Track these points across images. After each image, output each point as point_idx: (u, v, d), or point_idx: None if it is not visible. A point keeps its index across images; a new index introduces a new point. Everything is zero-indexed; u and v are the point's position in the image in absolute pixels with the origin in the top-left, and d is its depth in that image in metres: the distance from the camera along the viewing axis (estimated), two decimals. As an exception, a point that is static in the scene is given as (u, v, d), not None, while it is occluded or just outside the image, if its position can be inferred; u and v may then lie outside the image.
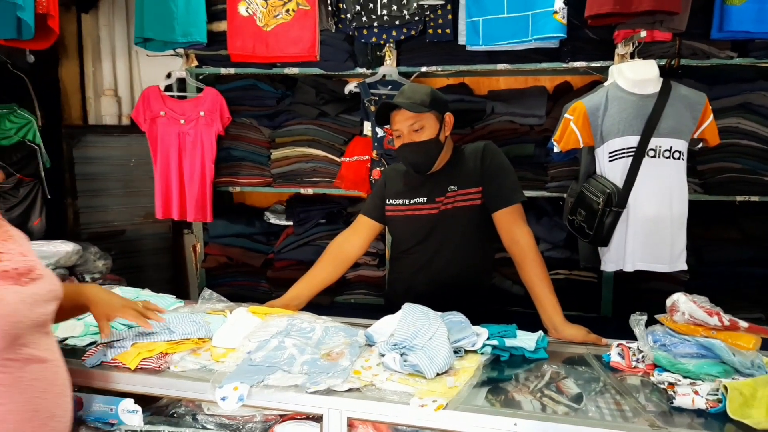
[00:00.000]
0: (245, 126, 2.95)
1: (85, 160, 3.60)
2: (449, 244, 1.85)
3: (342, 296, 2.86)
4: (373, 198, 2.00)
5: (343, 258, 1.96)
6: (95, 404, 1.35)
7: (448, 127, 1.85)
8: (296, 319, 1.60)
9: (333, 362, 1.37)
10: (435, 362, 1.30)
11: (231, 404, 1.23)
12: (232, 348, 1.46)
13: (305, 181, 2.87)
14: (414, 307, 1.53)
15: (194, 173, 2.86)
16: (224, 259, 3.01)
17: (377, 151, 2.68)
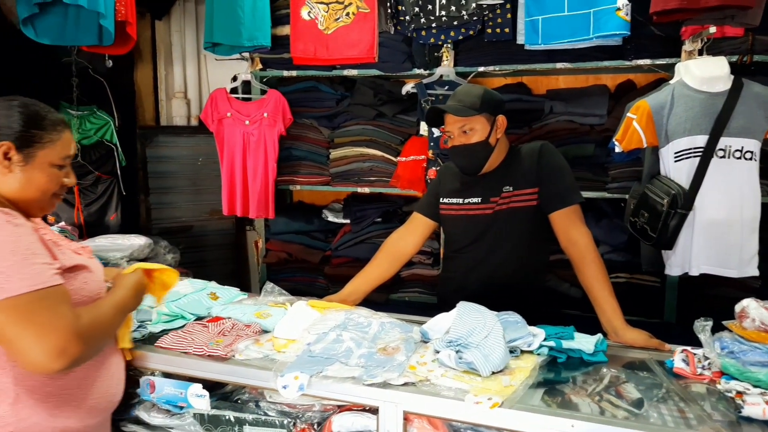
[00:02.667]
0: (306, 126, 3.05)
1: (157, 159, 3.81)
2: (503, 245, 1.85)
3: (397, 294, 2.90)
4: (428, 196, 2.02)
5: (398, 255, 1.99)
6: (166, 388, 1.45)
7: (500, 129, 1.84)
8: (353, 314, 1.64)
9: (389, 357, 1.41)
10: (490, 360, 1.32)
11: (292, 393, 1.29)
12: (292, 339, 1.53)
13: (362, 181, 2.93)
14: (469, 305, 1.54)
15: (257, 172, 2.97)
16: (284, 255, 3.12)
17: (433, 150, 2.70)
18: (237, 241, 4.01)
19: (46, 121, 1.24)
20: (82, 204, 3.62)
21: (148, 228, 3.80)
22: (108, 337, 1.27)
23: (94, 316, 1.16)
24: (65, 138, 1.28)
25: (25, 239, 1.09)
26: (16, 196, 1.21)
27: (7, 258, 1.05)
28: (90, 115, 3.59)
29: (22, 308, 1.03)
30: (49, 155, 1.24)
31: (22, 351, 1.04)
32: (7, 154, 1.19)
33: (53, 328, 1.04)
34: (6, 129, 1.19)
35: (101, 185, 3.65)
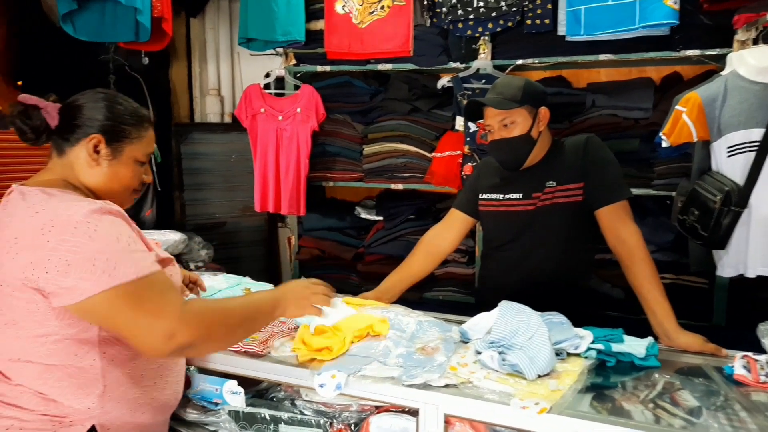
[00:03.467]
0: (339, 122, 3.02)
1: (191, 156, 3.84)
2: (545, 243, 1.77)
3: (431, 293, 2.84)
4: (466, 192, 1.96)
5: (435, 252, 1.94)
6: (202, 383, 1.43)
7: (542, 122, 1.77)
8: (390, 312, 1.60)
9: (428, 357, 1.36)
10: (536, 363, 1.25)
11: (329, 392, 1.25)
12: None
13: (396, 177, 2.88)
14: (512, 305, 1.48)
15: (290, 168, 2.96)
16: (317, 252, 3.10)
17: (469, 146, 2.64)
18: (269, 237, 4.02)
19: (134, 117, 1.25)
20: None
21: (183, 224, 3.83)
22: (224, 335, 1.18)
23: (207, 307, 1.14)
24: (150, 135, 1.29)
25: (124, 229, 1.10)
26: (100, 190, 1.22)
27: (111, 246, 1.05)
28: (126, 112, 3.64)
29: (131, 294, 1.04)
30: (135, 151, 1.25)
31: (136, 336, 1.05)
32: (97, 147, 1.19)
33: (162, 313, 1.04)
34: (95, 122, 1.19)
35: (137, 181, 3.70)
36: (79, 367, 1.10)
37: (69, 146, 1.20)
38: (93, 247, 1.03)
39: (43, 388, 1.09)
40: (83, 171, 1.20)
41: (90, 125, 1.19)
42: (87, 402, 1.11)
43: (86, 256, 1.02)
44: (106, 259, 1.03)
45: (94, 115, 1.20)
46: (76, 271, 1.02)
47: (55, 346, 1.09)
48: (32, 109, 1.18)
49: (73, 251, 1.02)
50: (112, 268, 1.03)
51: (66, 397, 1.10)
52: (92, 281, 1.02)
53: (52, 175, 1.21)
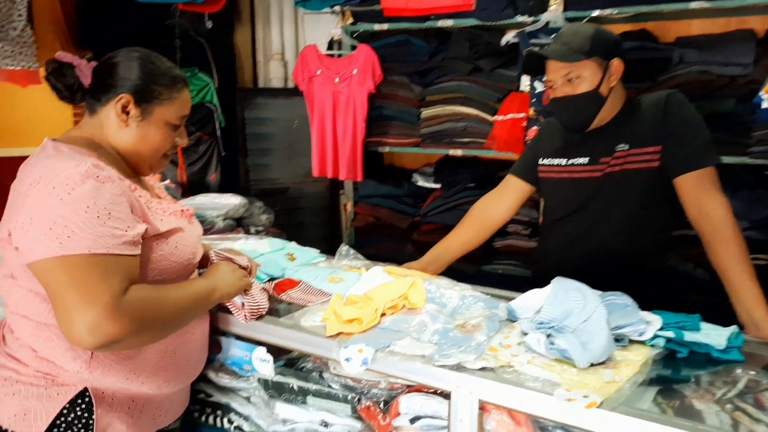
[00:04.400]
0: (396, 84, 2.87)
1: (255, 121, 3.85)
2: (614, 214, 1.57)
3: (490, 266, 2.68)
4: (525, 156, 1.78)
5: (486, 222, 1.78)
6: (232, 348, 1.39)
7: (614, 76, 1.54)
8: (432, 284, 1.48)
9: (467, 335, 1.23)
10: (589, 349, 1.09)
11: (354, 366, 1.16)
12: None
13: (455, 142, 2.71)
14: (567, 282, 1.31)
15: (347, 132, 2.87)
16: (372, 219, 3.02)
17: (535, 108, 2.41)
18: (330, 204, 3.98)
19: (167, 78, 1.18)
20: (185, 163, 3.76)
21: (247, 189, 3.87)
22: (161, 329, 1.11)
23: (146, 299, 1.04)
24: (184, 97, 1.22)
25: (106, 198, 1.02)
26: (128, 152, 1.18)
27: (78, 214, 0.99)
28: (192, 76, 3.68)
29: (72, 270, 0.97)
30: (167, 113, 1.18)
31: (60, 318, 0.98)
32: (126, 107, 1.14)
33: (92, 300, 0.95)
34: (127, 81, 1.14)
35: (202, 146, 3.77)
36: None
37: (100, 106, 1.17)
38: (58, 211, 0.98)
39: (35, 345, 1.09)
40: (112, 131, 1.16)
41: (121, 85, 1.14)
42: (75, 365, 1.08)
43: (48, 219, 0.98)
44: (64, 225, 0.98)
45: (126, 75, 1.15)
46: (35, 232, 0.98)
47: (43, 305, 1.07)
48: (67, 67, 1.16)
49: (41, 211, 0.99)
50: (66, 236, 0.97)
51: (56, 357, 1.08)
52: (43, 244, 0.97)
53: (79, 132, 1.18)
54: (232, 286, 1.28)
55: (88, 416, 1.08)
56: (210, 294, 1.22)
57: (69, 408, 1.07)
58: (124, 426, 1.13)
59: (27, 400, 1.06)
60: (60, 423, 1.06)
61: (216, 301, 1.25)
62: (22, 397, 1.06)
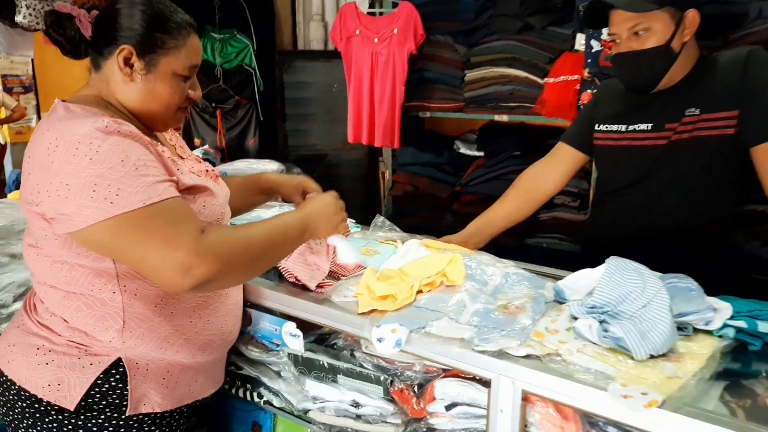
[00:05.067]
0: (439, 44, 2.71)
1: (294, 85, 3.77)
2: (678, 187, 1.41)
3: (533, 239, 2.55)
4: (579, 121, 1.62)
5: (533, 193, 1.64)
6: (262, 322, 1.34)
7: (688, 30, 1.35)
8: (472, 260, 1.38)
9: (510, 317, 1.13)
10: (649, 340, 0.98)
11: (387, 347, 1.08)
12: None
13: (500, 107, 2.55)
14: (623, 262, 1.18)
15: (384, 96, 2.75)
16: (410, 189, 2.91)
17: (590, 69, 2.22)
18: (369, 172, 3.90)
19: (170, 23, 1.07)
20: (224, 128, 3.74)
21: (285, 154, 3.82)
22: (250, 266, 1.07)
23: (228, 236, 1.01)
24: (192, 44, 1.10)
25: (136, 151, 0.97)
26: (138, 109, 1.09)
27: (116, 170, 0.93)
28: (231, 38, 3.62)
29: (138, 224, 0.93)
30: (173, 63, 1.08)
31: (148, 269, 0.95)
32: (129, 59, 1.05)
33: (175, 244, 0.92)
34: (127, 31, 1.04)
35: (241, 110, 3.72)
36: (99, 299, 1.04)
37: (103, 60, 1.08)
38: (94, 171, 0.92)
39: (66, 314, 1.05)
40: (118, 87, 1.08)
41: (123, 35, 1.05)
42: (107, 335, 1.05)
43: (86, 181, 0.91)
44: (107, 184, 0.92)
45: (127, 24, 1.05)
46: (77, 197, 0.92)
47: (71, 274, 1.03)
48: (66, 18, 1.07)
49: (74, 174, 0.92)
50: (114, 194, 0.91)
51: (87, 327, 1.04)
52: (93, 209, 0.91)
53: (88, 90, 1.11)
54: (328, 222, 1.20)
55: (123, 386, 1.05)
56: (303, 229, 1.15)
57: (103, 378, 1.04)
58: (159, 397, 1.10)
59: (60, 370, 1.04)
60: (94, 393, 1.04)
61: (308, 237, 1.18)
62: (55, 366, 1.04)
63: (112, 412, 1.05)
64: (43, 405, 1.03)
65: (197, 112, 3.70)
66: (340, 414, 1.25)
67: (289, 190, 1.44)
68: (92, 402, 1.04)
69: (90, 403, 1.04)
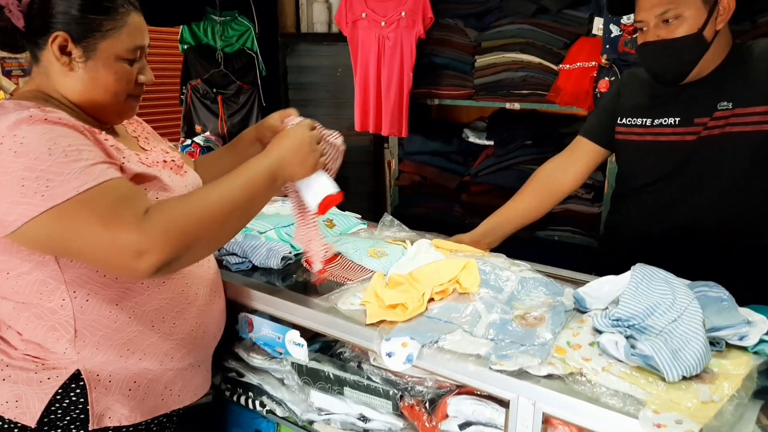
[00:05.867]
0: (449, 28, 2.60)
1: (297, 69, 3.65)
2: (708, 186, 1.32)
3: (545, 231, 2.47)
4: (600, 114, 1.52)
5: (551, 190, 1.56)
6: (264, 329, 1.27)
7: (723, 17, 1.25)
8: (486, 264, 1.30)
9: (529, 329, 1.06)
10: (681, 359, 0.90)
11: (398, 363, 1.01)
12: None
13: (512, 94, 2.45)
14: (650, 271, 1.11)
15: (392, 82, 2.64)
16: (418, 178, 2.82)
17: (608, 55, 2.11)
18: (375, 159, 3.80)
19: (105, 3, 0.97)
20: (225, 114, 3.64)
21: (288, 141, 3.72)
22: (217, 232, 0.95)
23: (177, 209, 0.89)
24: (133, 23, 1.00)
25: (66, 136, 0.88)
26: (83, 100, 1.00)
27: (43, 159, 0.84)
28: (232, 21, 3.50)
29: (72, 217, 0.84)
30: (113, 46, 0.98)
31: (99, 259, 0.86)
32: (65, 47, 0.96)
33: (118, 227, 0.83)
34: (60, 16, 0.95)
35: (243, 95, 3.62)
36: (48, 308, 0.96)
37: (40, 51, 0.98)
38: (20, 164, 0.83)
39: (18, 326, 0.99)
40: (59, 79, 0.99)
41: (56, 21, 0.95)
42: (59, 347, 0.98)
43: (14, 177, 0.83)
44: (35, 177, 0.83)
45: (59, 8, 0.94)
46: (5, 195, 0.84)
47: (18, 282, 0.95)
48: None
49: (1, 172, 0.84)
50: (45, 186, 0.83)
51: (39, 339, 0.98)
52: (24, 205, 0.83)
53: (30, 85, 1.02)
54: (303, 161, 1.06)
55: (85, 401, 0.99)
56: (272, 177, 1.02)
57: (62, 393, 0.98)
58: (126, 409, 1.03)
59: (17, 386, 0.97)
60: (56, 409, 0.97)
61: (281, 184, 1.05)
62: (12, 382, 0.98)
63: (77, 428, 0.99)
64: (5, 422, 0.97)
65: (198, 98, 3.60)
66: (346, 428, 1.19)
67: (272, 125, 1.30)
68: (55, 418, 0.97)
69: (53, 419, 0.97)
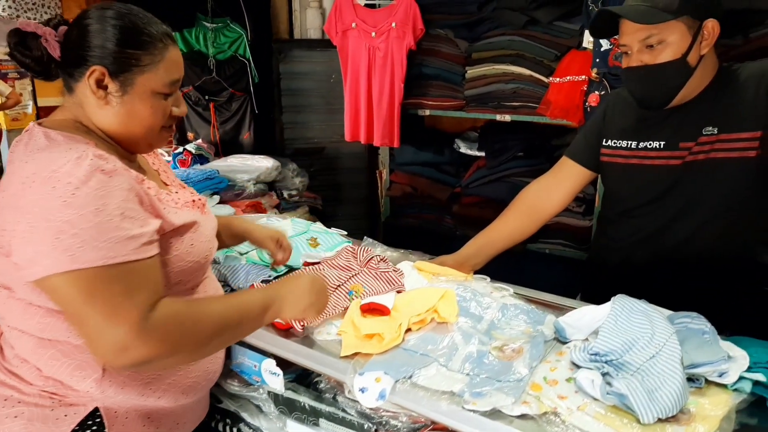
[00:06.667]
0: (440, 39, 2.58)
1: (291, 76, 3.63)
2: (695, 211, 1.29)
3: (536, 244, 2.45)
4: (586, 135, 1.50)
5: (537, 212, 1.53)
6: (242, 357, 1.25)
7: (707, 41, 1.22)
8: (467, 289, 1.28)
9: (506, 362, 1.04)
10: (657, 400, 0.88)
11: (370, 399, 0.99)
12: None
13: (503, 106, 2.42)
14: (630, 303, 1.09)
15: (383, 93, 2.62)
16: (409, 189, 2.81)
17: (598, 69, 2.09)
18: (369, 165, 3.78)
19: (144, 37, 0.96)
20: (217, 121, 3.62)
21: (282, 148, 3.71)
22: (198, 348, 0.96)
23: (179, 315, 0.91)
24: (170, 58, 0.99)
25: (116, 196, 0.87)
26: (117, 133, 0.99)
27: (87, 218, 0.83)
28: (224, 27, 3.48)
29: (89, 286, 0.83)
30: (151, 81, 0.97)
31: (86, 337, 0.87)
32: (101, 81, 0.94)
33: (118, 318, 0.83)
34: (98, 50, 0.93)
35: (235, 102, 3.59)
36: (76, 346, 0.95)
37: (75, 82, 0.97)
38: (63, 216, 0.82)
39: (39, 363, 0.96)
40: (93, 111, 0.97)
41: (93, 55, 0.94)
42: (84, 385, 0.96)
43: (53, 226, 0.82)
44: (73, 234, 0.82)
45: (96, 42, 0.93)
46: (38, 243, 0.82)
47: (46, 320, 0.93)
48: (31, 38, 0.96)
49: (42, 217, 0.82)
50: (78, 247, 0.82)
51: (63, 377, 0.95)
52: (51, 258, 0.82)
53: (64, 114, 1.00)
54: (297, 302, 1.07)
55: None
56: (265, 307, 1.03)
57: (78, 430, 0.96)
58: None
59: (31, 424, 0.95)
60: None
61: (272, 317, 1.06)
62: (25, 419, 0.95)
63: None
64: None
65: (190, 105, 3.58)
66: (322, 459, 1.17)
67: (260, 239, 1.37)
68: None
69: None
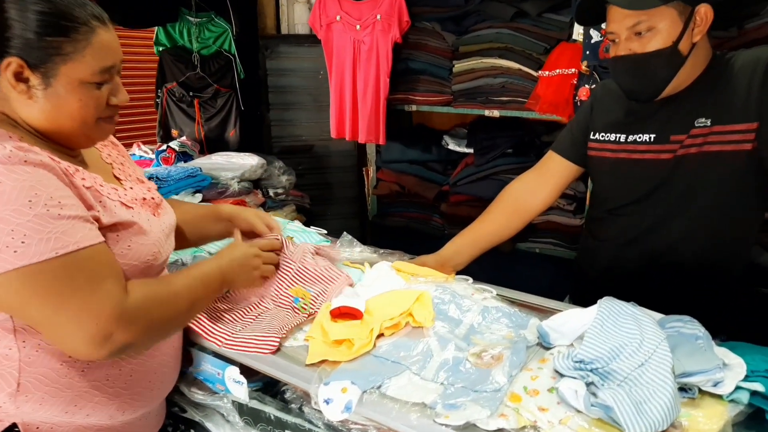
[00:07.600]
0: (426, 32, 2.50)
1: (278, 72, 3.55)
2: (687, 208, 1.22)
3: (525, 243, 2.38)
4: (572, 129, 1.42)
5: (522, 210, 1.46)
6: (204, 364, 1.17)
7: (700, 28, 1.15)
8: (447, 291, 1.20)
9: (484, 370, 0.96)
10: (645, 413, 0.81)
11: (335, 412, 0.91)
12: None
13: (491, 101, 2.35)
14: (618, 306, 1.02)
15: (368, 88, 2.54)
16: (396, 187, 2.73)
17: (588, 62, 2.02)
18: (358, 163, 3.70)
19: (64, 22, 0.85)
20: (202, 118, 3.53)
21: (269, 146, 3.63)
22: (174, 324, 1.01)
23: (155, 296, 0.91)
24: (99, 42, 0.88)
25: (47, 185, 0.81)
26: (47, 128, 0.90)
27: (22, 211, 0.77)
28: (208, 22, 3.40)
29: (48, 280, 0.78)
30: (77, 71, 0.87)
31: (58, 338, 0.83)
32: (20, 74, 0.85)
33: (94, 312, 0.81)
34: (16, 40, 0.83)
35: (220, 99, 3.51)
36: None
37: None
38: None
39: None
40: (19, 106, 0.88)
41: (9, 45, 0.84)
42: None
43: None
44: (11, 230, 0.76)
45: (14, 31, 0.83)
46: None
47: None
48: None
49: None
50: (20, 242, 0.76)
51: None
52: None
53: None
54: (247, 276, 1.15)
55: None
56: (222, 281, 1.09)
57: None
58: None
59: None
60: None
61: (225, 289, 1.14)
62: None
63: None
64: None
65: (174, 102, 3.50)
66: (288, 473, 1.09)
67: (248, 219, 1.33)
68: None
69: None
